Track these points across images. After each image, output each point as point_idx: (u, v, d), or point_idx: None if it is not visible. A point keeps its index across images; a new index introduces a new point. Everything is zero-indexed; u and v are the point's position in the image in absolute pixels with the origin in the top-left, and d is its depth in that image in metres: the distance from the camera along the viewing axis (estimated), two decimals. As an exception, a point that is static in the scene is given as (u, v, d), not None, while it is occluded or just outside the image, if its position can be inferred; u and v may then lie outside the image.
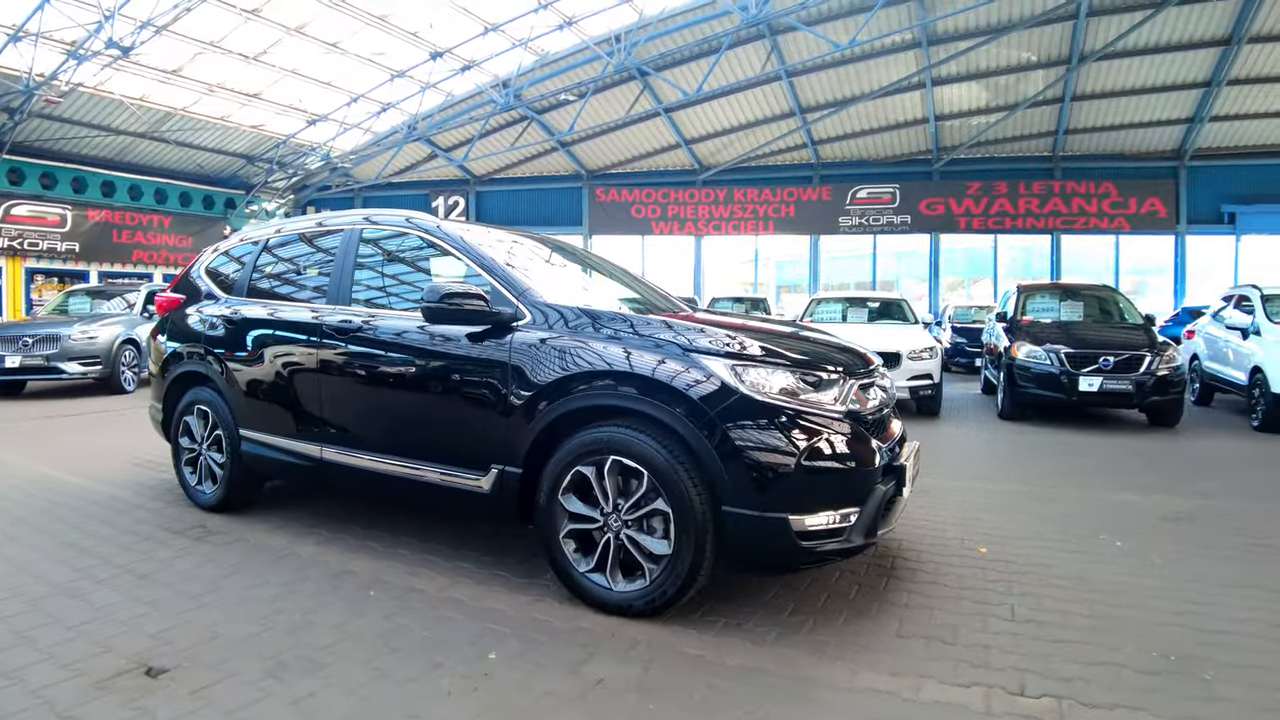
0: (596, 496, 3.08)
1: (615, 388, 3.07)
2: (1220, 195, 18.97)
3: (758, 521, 2.82)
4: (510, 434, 3.26)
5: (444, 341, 3.51)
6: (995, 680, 2.57)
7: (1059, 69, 17.11)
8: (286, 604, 3.16)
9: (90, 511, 4.49)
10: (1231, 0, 14.36)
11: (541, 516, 3.19)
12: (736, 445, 2.83)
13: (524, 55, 16.79)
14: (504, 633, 2.92)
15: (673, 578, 2.91)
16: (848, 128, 20.86)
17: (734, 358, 2.97)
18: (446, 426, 3.54)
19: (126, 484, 5.22)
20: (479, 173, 22.97)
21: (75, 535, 4.03)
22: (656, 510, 2.95)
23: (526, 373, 3.24)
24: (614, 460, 3.00)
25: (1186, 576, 3.64)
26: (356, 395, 3.86)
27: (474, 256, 3.68)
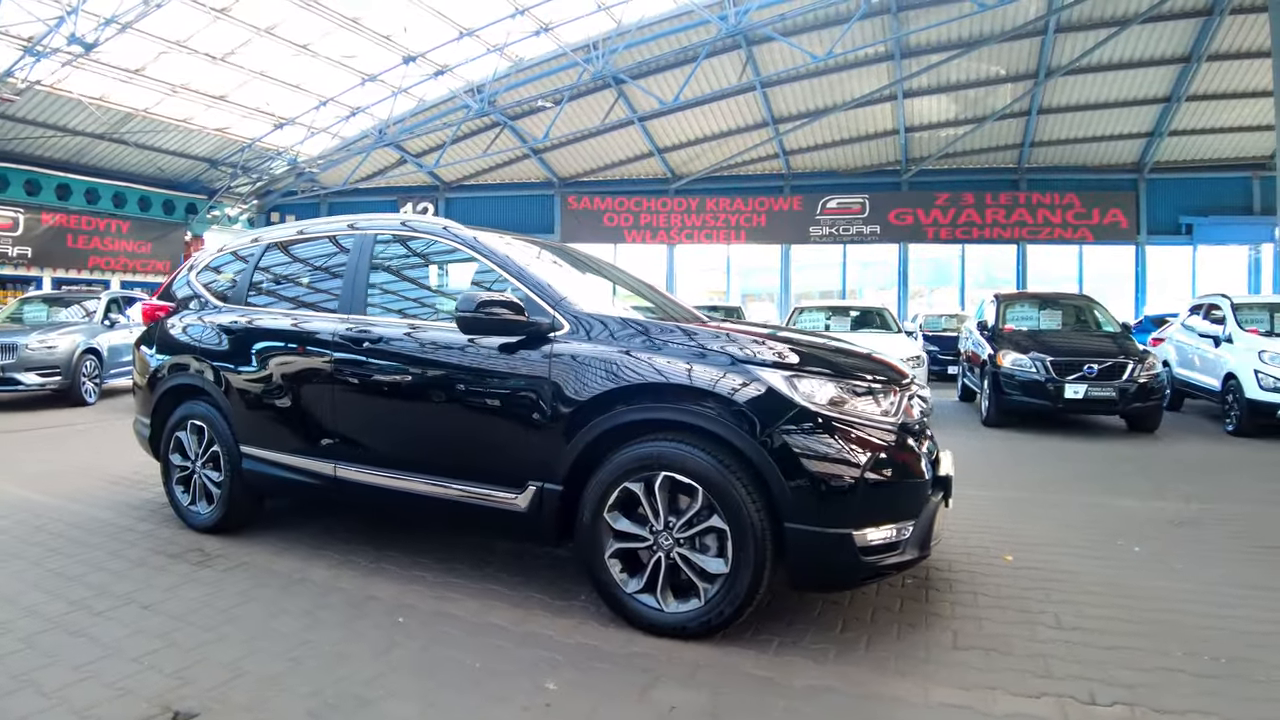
0: (644, 514, 2.95)
1: (667, 401, 2.95)
2: (1178, 207, 19.56)
3: (822, 538, 2.74)
4: (550, 449, 3.12)
5: (477, 352, 3.34)
6: (1063, 690, 2.55)
7: (1026, 83, 17.49)
8: (312, 635, 2.94)
9: (72, 535, 4.18)
10: (1192, 20, 14.81)
11: (584, 535, 3.05)
12: (800, 460, 2.75)
13: (499, 61, 16.58)
14: (556, 660, 2.76)
15: (730, 597, 2.80)
16: (819, 139, 21.06)
17: (791, 369, 2.90)
18: (479, 442, 3.36)
19: (106, 503, 4.90)
20: (449, 179, 22.65)
21: (61, 562, 3.73)
22: (711, 528, 2.84)
23: (569, 385, 3.10)
24: (665, 476, 2.89)
25: (1211, 580, 3.69)
26: (376, 410, 3.66)
27: (503, 263, 3.52)
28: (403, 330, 3.62)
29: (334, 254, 4.12)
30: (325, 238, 4.22)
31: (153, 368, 4.51)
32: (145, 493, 5.21)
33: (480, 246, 3.62)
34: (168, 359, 4.44)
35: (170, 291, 4.73)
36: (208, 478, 4.21)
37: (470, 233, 3.72)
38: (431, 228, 3.86)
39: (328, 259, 4.15)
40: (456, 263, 3.89)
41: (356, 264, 3.90)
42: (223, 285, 4.48)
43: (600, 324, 3.20)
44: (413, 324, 3.66)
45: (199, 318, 4.38)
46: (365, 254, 3.90)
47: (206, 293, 4.50)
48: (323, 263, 4.18)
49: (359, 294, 3.84)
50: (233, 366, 4.11)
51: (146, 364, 4.60)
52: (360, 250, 3.92)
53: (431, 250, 3.91)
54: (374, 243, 3.92)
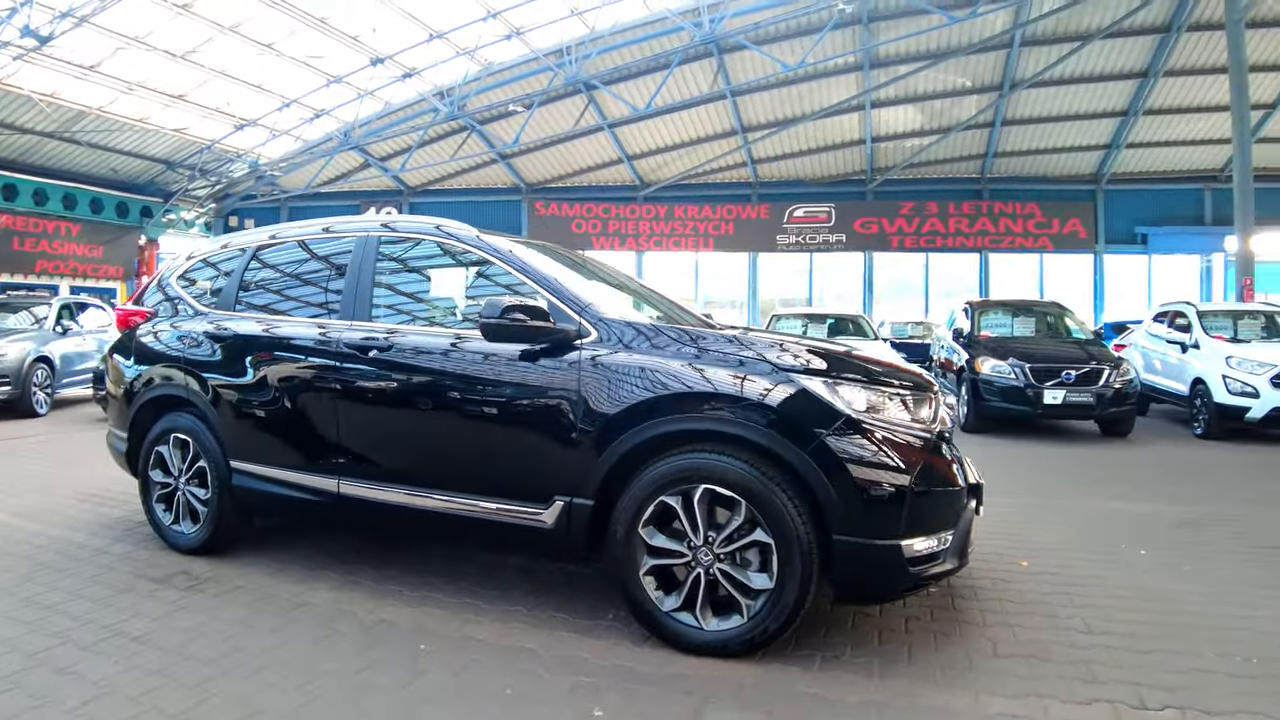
0: (680, 529, 2.85)
1: (708, 410, 2.85)
2: (1134, 217, 20.14)
3: (872, 549, 2.69)
4: (579, 462, 2.98)
5: (499, 361, 3.17)
6: (1112, 695, 2.55)
7: (991, 95, 17.83)
8: (327, 664, 2.73)
9: (42, 559, 3.87)
10: (1151, 36, 15.26)
11: (617, 552, 2.91)
12: (849, 471, 2.68)
13: (469, 65, 16.32)
14: (596, 684, 2.62)
15: (775, 613, 2.71)
16: (787, 148, 21.21)
17: (833, 377, 2.83)
18: (500, 455, 3.19)
19: (75, 524, 4.56)
20: (413, 184, 22.25)
21: (34, 590, 3.43)
22: (754, 542, 2.75)
23: (601, 394, 2.97)
24: (705, 489, 2.78)
25: (1223, 582, 3.74)
26: (386, 422, 3.46)
27: (524, 269, 3.36)
28: (416, 337, 3.43)
29: (332, 257, 3.91)
30: (322, 240, 4.00)
31: (130, 378, 4.22)
32: (116, 510, 4.90)
33: (497, 251, 3.47)
34: (147, 368, 4.15)
35: (149, 296, 4.44)
36: (193, 495, 3.94)
37: (484, 236, 3.56)
38: (425, 227, 3.70)
39: (326, 262, 3.93)
40: (469, 267, 3.71)
41: (359, 267, 3.69)
42: (207, 290, 4.22)
43: (632, 331, 3.07)
44: (426, 331, 3.49)
45: (182, 324, 4.11)
46: (369, 257, 3.70)
47: (189, 298, 4.23)
48: (320, 266, 3.96)
49: (364, 299, 3.63)
50: (222, 376, 3.85)
51: (122, 374, 4.30)
52: (363, 253, 3.71)
53: (442, 254, 3.73)
54: (378, 245, 3.72)
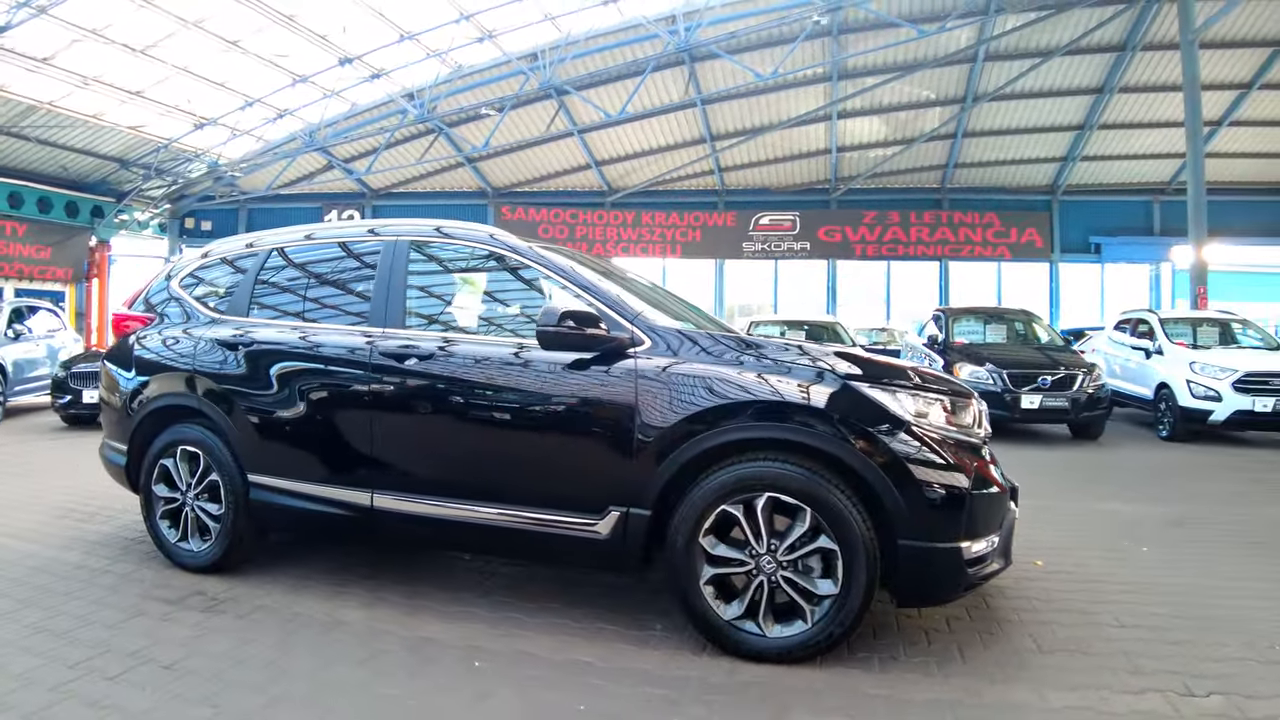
0: (739, 537, 2.85)
1: (773, 418, 2.85)
2: (1088, 227, 20.78)
3: (936, 553, 2.77)
4: (635, 471, 2.94)
5: (550, 370, 3.10)
6: (1159, 685, 2.68)
7: (954, 107, 18.23)
8: (384, 688, 2.61)
9: (37, 582, 3.61)
10: (1107, 54, 15.78)
11: (677, 561, 2.88)
12: (914, 476, 2.74)
13: (440, 67, 16.07)
14: (669, 696, 2.59)
15: (840, 618, 2.75)
16: (754, 156, 21.34)
17: (892, 386, 2.89)
18: (551, 466, 3.13)
19: (64, 542, 4.29)
20: (376, 186, 21.78)
21: (39, 615, 3.20)
22: (818, 548, 2.78)
23: (660, 403, 2.93)
24: (769, 497, 2.79)
25: (1227, 576, 3.94)
26: (426, 433, 3.34)
27: (570, 275, 3.30)
28: (457, 346, 3.33)
29: (356, 262, 3.76)
30: (343, 243, 3.86)
31: (130, 388, 3.98)
32: (103, 526, 4.63)
33: (541, 258, 3.40)
34: (150, 377, 3.92)
35: (146, 301, 4.21)
36: (203, 511, 3.73)
37: (524, 242, 3.48)
38: (479, 235, 3.59)
39: (349, 267, 3.79)
40: (508, 274, 3.63)
41: (390, 273, 3.56)
42: (215, 294, 4.02)
43: (684, 339, 3.06)
44: (472, 339, 3.39)
45: (190, 331, 3.89)
46: (400, 262, 3.57)
47: (195, 303, 4.02)
48: (343, 271, 3.81)
49: (396, 306, 3.50)
50: (239, 386, 3.66)
51: (120, 383, 4.06)
52: (393, 258, 3.58)
53: (479, 260, 3.65)
54: (409, 250, 3.60)
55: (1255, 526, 5.03)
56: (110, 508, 5.09)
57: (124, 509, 5.05)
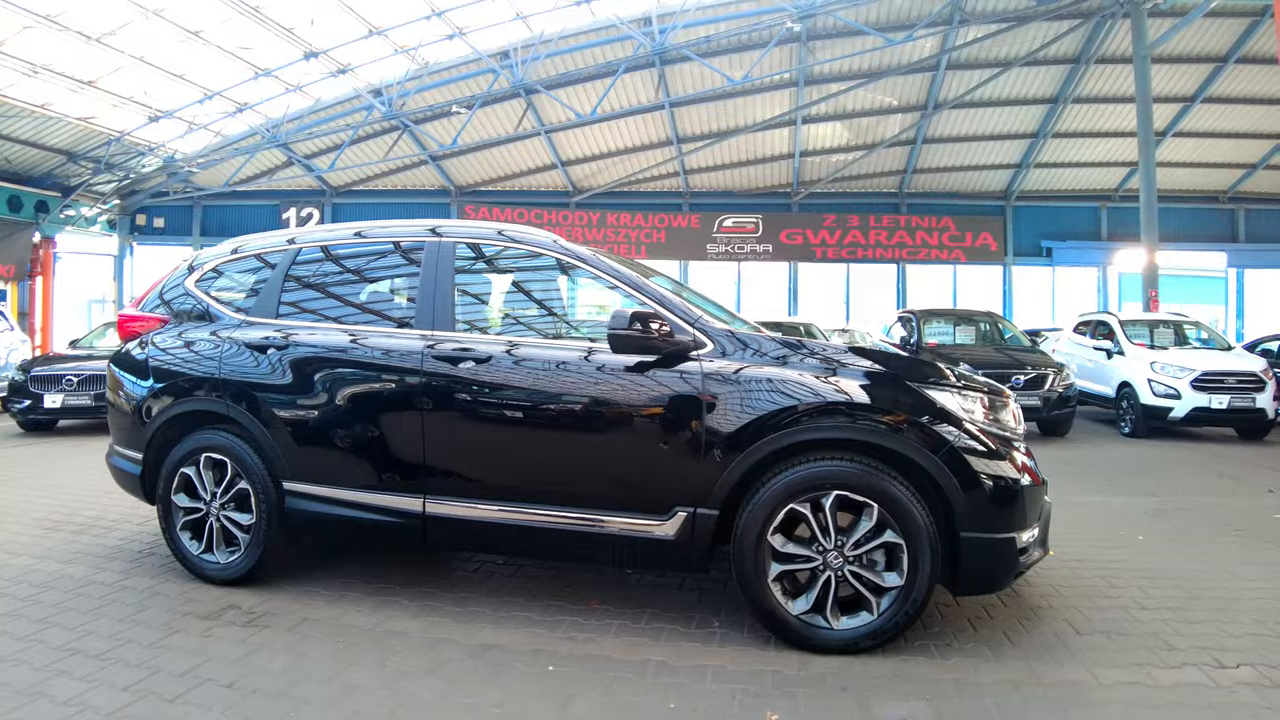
0: (808, 534, 2.93)
1: (842, 419, 2.93)
2: (1039, 232, 21.44)
3: (995, 543, 2.90)
4: (703, 473, 2.96)
5: (614, 373, 3.09)
6: (1194, 660, 2.89)
7: (915, 114, 18.61)
8: (463, 696, 2.55)
9: (51, 599, 3.41)
10: (1062, 66, 16.31)
11: (745, 560, 2.92)
12: (975, 472, 2.88)
13: (408, 63, 15.72)
14: (750, 690, 2.63)
15: (904, 609, 2.86)
16: (719, 159, 21.45)
17: (950, 388, 3.02)
18: (616, 468, 3.13)
19: (64, 556, 4.06)
20: (337, 184, 21.20)
21: (67, 636, 3.01)
22: (884, 543, 2.87)
23: (728, 406, 2.97)
24: (837, 495, 2.88)
25: (1219, 561, 4.23)
26: (484, 437, 3.27)
27: (628, 280, 3.31)
28: (519, 349, 3.29)
29: (398, 263, 3.67)
30: (383, 244, 3.76)
31: (145, 393, 3.77)
32: (103, 539, 4.40)
33: (602, 263, 3.39)
34: (169, 382, 3.73)
35: (161, 301, 4.00)
36: (230, 521, 3.57)
37: (585, 248, 3.47)
38: (539, 239, 3.54)
39: (390, 268, 3.71)
40: (568, 279, 3.64)
41: (436, 275, 3.47)
42: (239, 294, 3.85)
43: (744, 342, 3.10)
44: (530, 342, 3.35)
45: (215, 333, 3.71)
46: (446, 264, 3.49)
47: (216, 303, 3.84)
48: (384, 272, 3.73)
49: (445, 308, 3.41)
50: (275, 391, 3.51)
51: (132, 388, 3.85)
52: (439, 260, 3.50)
53: (537, 264, 3.61)
54: (455, 252, 3.52)
55: (1231, 515, 5.35)
56: (104, 519, 4.85)
57: (120, 519, 4.82)
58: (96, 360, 9.03)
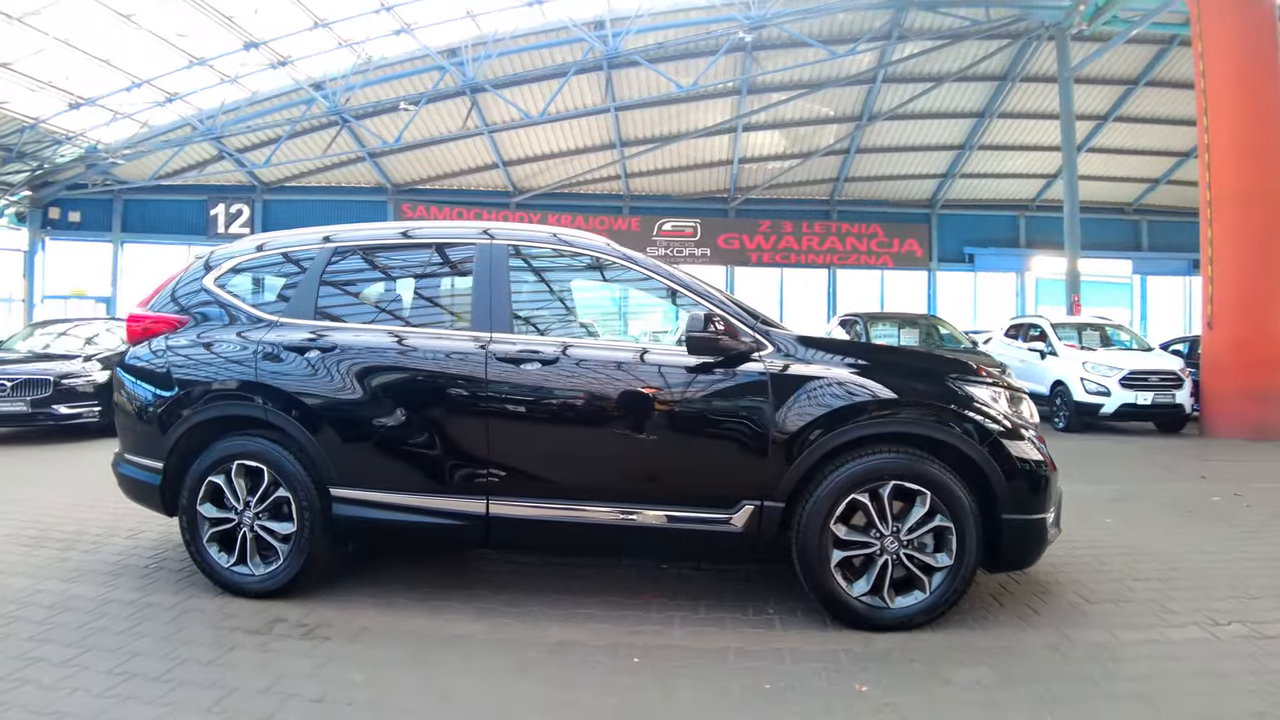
0: (863, 522, 3.09)
1: (901, 413, 3.12)
2: (962, 239, 22.50)
3: (1030, 524, 3.15)
4: (770, 468, 3.09)
5: (679, 373, 3.18)
6: (1193, 620, 3.22)
7: (850, 125, 19.24)
8: (565, 693, 2.56)
9: (70, 621, 3.12)
10: (990, 82, 17.17)
11: (809, 547, 3.06)
12: (1013, 460, 3.12)
13: (352, 58, 15.21)
14: (831, 668, 2.78)
15: (953, 587, 3.07)
16: (660, 164, 21.61)
17: (985, 384, 3.26)
18: (686, 466, 3.19)
19: (63, 574, 3.73)
20: (269, 179, 20.31)
21: (114, 660, 2.77)
22: (936, 527, 3.06)
23: (795, 404, 3.11)
24: (894, 485, 3.05)
25: (1185, 539, 4.60)
26: (552, 438, 3.25)
27: (686, 284, 3.41)
28: (582, 350, 3.31)
29: (445, 264, 3.59)
30: (426, 244, 3.66)
31: (166, 398, 3.52)
32: (97, 554, 4.07)
33: (655, 266, 3.48)
34: (194, 386, 3.49)
35: (174, 300, 3.74)
36: (267, 530, 3.38)
37: (634, 252, 3.55)
38: (594, 243, 3.57)
39: (437, 269, 3.60)
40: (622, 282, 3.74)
41: (490, 277, 3.41)
42: (267, 294, 3.65)
43: (799, 343, 3.24)
44: (593, 343, 3.41)
45: (246, 334, 3.50)
46: (501, 267, 3.43)
47: (242, 304, 3.62)
48: (429, 273, 3.61)
49: (502, 310, 3.36)
50: (322, 395, 3.34)
51: (146, 393, 3.59)
52: (493, 262, 3.44)
53: (586, 266, 3.65)
54: (508, 254, 3.48)
55: (1177, 499, 5.79)
56: (86, 533, 4.49)
57: (107, 531, 4.49)
58: (30, 364, 8.40)
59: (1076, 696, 2.56)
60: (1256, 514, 5.29)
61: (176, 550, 4.07)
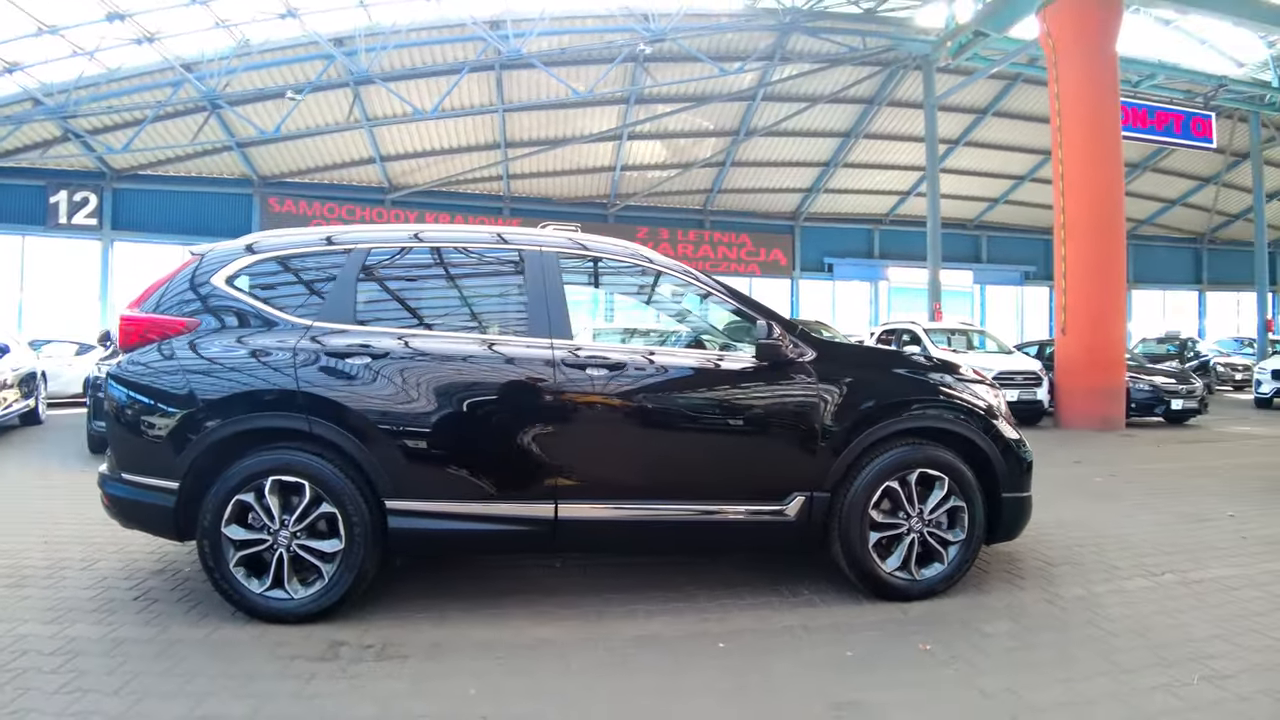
0: (888, 505, 3.39)
1: (932, 411, 3.49)
2: (822, 249, 23.99)
3: (1022, 500, 3.63)
4: (819, 462, 3.34)
5: (738, 377, 3.40)
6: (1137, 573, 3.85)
7: (728, 139, 19.97)
8: (680, 680, 2.65)
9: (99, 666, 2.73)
10: (859, 105, 18.43)
11: (851, 531, 3.33)
12: (1010, 446, 3.58)
13: (229, 39, 13.92)
14: (890, 633, 3.08)
15: (965, 559, 3.46)
16: (543, 167, 21.42)
17: (984, 383, 3.71)
18: (745, 463, 3.40)
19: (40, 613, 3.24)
20: (120, 166, 18.13)
21: (180, 707, 2.46)
22: (953, 507, 3.44)
23: (840, 404, 3.38)
24: (920, 473, 3.40)
25: (1095, 513, 5.17)
26: (620, 440, 3.29)
27: (734, 293, 3.60)
28: (646, 355, 3.38)
29: (493, 270, 3.51)
30: (466, 250, 3.54)
31: (184, 410, 3.13)
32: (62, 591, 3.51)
33: (699, 276, 3.64)
34: (222, 396, 3.13)
35: (181, 302, 3.33)
36: (308, 550, 3.10)
37: (675, 261, 3.71)
38: (635, 250, 3.69)
39: (484, 275, 3.51)
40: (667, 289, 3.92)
41: (544, 284, 3.37)
42: (296, 298, 3.34)
43: (834, 348, 3.57)
44: (656, 350, 3.50)
45: (283, 339, 3.19)
46: (553, 274, 3.41)
47: (266, 306, 3.29)
48: (477, 279, 3.51)
49: (559, 317, 3.33)
50: (376, 404, 3.13)
51: (155, 404, 3.18)
52: (545, 270, 3.40)
53: (638, 275, 3.80)
54: (559, 262, 3.46)
55: (1070, 481, 6.49)
56: (29, 563, 3.89)
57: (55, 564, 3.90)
58: None
59: (1086, 636, 3.03)
60: (1136, 491, 6.11)
61: (155, 577, 3.69)
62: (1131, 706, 2.46)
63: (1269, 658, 2.83)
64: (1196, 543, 4.43)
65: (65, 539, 4.34)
